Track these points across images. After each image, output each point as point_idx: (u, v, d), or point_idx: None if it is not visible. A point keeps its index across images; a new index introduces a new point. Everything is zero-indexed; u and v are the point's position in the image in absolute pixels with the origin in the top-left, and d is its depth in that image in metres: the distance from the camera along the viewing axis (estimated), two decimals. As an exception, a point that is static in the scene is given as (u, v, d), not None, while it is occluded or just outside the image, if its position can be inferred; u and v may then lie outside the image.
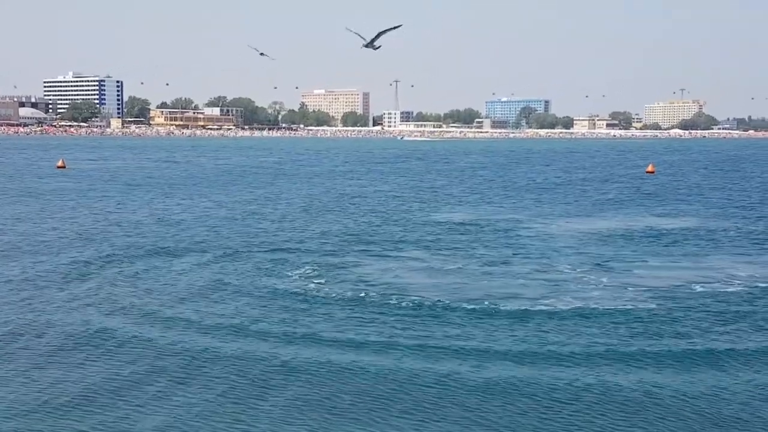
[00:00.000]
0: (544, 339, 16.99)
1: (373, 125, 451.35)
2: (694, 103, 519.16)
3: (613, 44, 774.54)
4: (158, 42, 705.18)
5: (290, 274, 23.91)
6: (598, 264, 25.81)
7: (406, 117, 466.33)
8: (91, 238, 30.90)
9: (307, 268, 24.90)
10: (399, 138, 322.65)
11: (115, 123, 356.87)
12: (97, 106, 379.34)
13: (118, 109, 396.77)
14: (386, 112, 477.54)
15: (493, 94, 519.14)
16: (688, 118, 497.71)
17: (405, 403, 13.49)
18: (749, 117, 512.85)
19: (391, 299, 20.52)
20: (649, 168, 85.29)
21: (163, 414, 12.99)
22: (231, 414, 13.01)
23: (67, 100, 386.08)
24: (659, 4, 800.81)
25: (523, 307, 19.65)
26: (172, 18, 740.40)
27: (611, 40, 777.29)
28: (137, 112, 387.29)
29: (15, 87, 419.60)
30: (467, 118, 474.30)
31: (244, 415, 12.99)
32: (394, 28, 28.59)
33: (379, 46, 28.65)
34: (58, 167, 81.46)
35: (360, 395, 13.82)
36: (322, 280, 22.84)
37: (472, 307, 19.71)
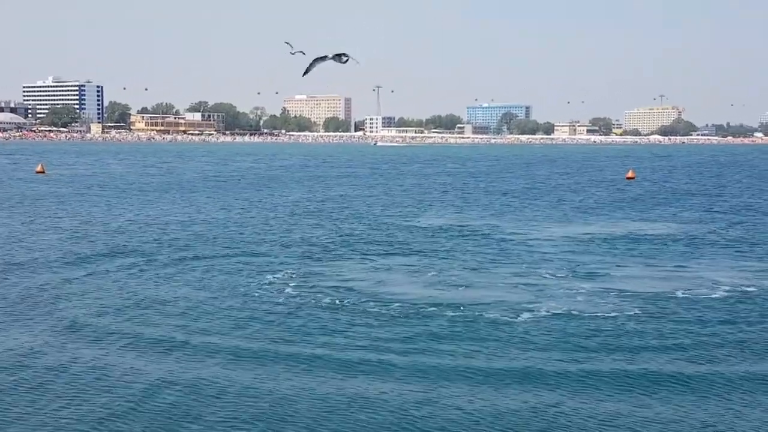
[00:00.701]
0: (526, 346, 16.99)
1: (355, 131, 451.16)
2: (673, 109, 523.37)
3: (594, 51, 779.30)
4: (140, 47, 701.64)
5: (270, 280, 23.81)
6: (580, 270, 25.87)
7: (388, 122, 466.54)
8: (69, 244, 30.67)
9: (286, 273, 24.84)
10: (372, 144, 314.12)
11: (95, 128, 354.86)
12: (77, 111, 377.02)
13: (98, 114, 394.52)
14: (368, 117, 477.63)
15: (476, 99, 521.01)
16: (667, 124, 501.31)
17: (387, 409, 13.44)
18: (727, 123, 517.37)
19: (371, 306, 20.47)
20: (629, 174, 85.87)
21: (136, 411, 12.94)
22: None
23: (46, 105, 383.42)
24: (639, 11, 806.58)
25: (505, 314, 19.63)
26: (153, 23, 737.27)
27: (592, 46, 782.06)
28: (117, 117, 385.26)
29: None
30: (449, 123, 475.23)
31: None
32: (344, 57, 27.55)
33: (347, 60, 27.61)
34: (38, 172, 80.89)
35: (342, 405, 13.73)
36: (301, 286, 22.76)
37: (454, 313, 19.69)
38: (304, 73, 27.72)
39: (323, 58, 27.17)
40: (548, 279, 24.40)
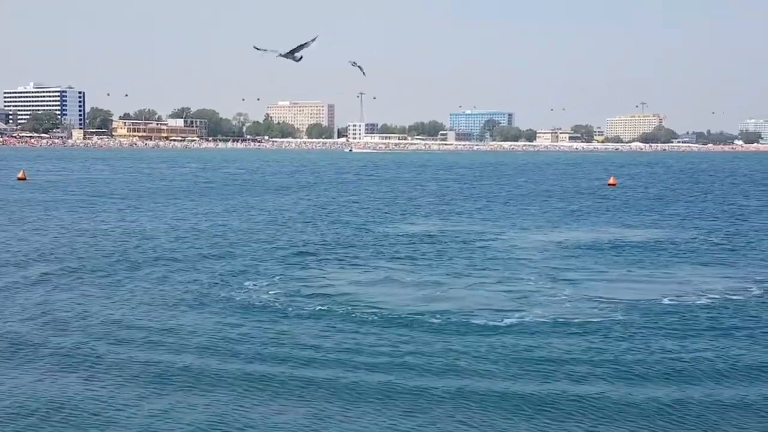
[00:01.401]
0: (511, 354, 17.00)
1: (338, 137, 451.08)
2: (654, 116, 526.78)
3: (577, 58, 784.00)
4: (122, 53, 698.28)
5: (252, 286, 23.77)
6: (564, 276, 25.96)
7: (371, 129, 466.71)
8: (50, 250, 30.47)
9: (270, 279, 24.81)
10: (347, 150, 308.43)
11: (77, 134, 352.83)
12: (59, 117, 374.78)
13: (80, 120, 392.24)
14: (351, 124, 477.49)
15: (460, 106, 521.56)
16: (648, 131, 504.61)
17: (365, 422, 13.47)
18: (708, 131, 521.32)
19: (354, 312, 20.45)
20: (611, 180, 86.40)
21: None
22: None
23: (28, 110, 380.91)
24: (620, 19, 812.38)
25: (489, 320, 19.67)
26: (136, 29, 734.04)
27: (574, 54, 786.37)
28: (99, 123, 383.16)
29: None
30: (432, 130, 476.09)
31: None
32: (312, 41, 27.67)
33: (301, 58, 27.68)
34: (19, 179, 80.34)
35: (322, 413, 13.70)
36: (284, 293, 22.71)
37: (437, 320, 19.70)
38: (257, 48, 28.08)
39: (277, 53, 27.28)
40: (533, 286, 24.44)
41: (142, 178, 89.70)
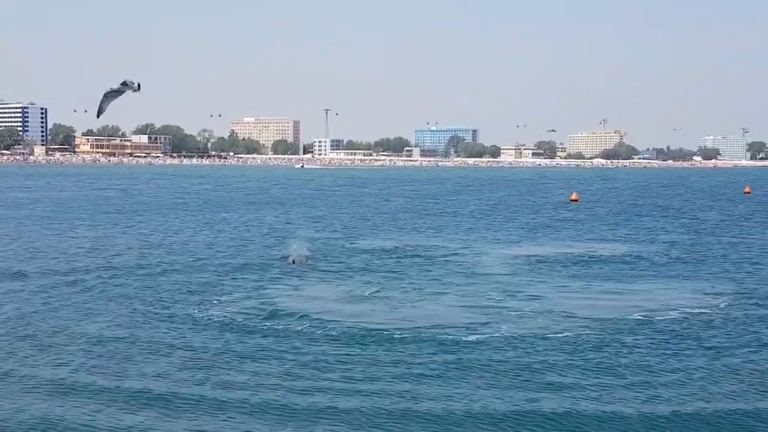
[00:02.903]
0: (476, 370, 17.11)
1: (304, 153, 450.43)
2: (615, 133, 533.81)
3: (539, 75, 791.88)
4: (86, 69, 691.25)
5: (211, 300, 23.96)
6: (528, 291, 26.30)
7: (337, 145, 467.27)
8: (10, 265, 30.21)
9: (227, 295, 24.99)
10: (299, 167, 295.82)
11: (39, 150, 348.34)
12: (21, 133, 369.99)
13: (42, 136, 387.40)
14: (317, 140, 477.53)
15: (427, 123, 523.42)
16: (610, 148, 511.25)
17: None
18: (668, 147, 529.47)
19: (313, 329, 20.40)
20: (573, 196, 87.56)
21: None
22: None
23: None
24: (583, 35, 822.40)
25: (456, 336, 19.84)
26: (97, 45, 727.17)
27: (537, 70, 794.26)
28: (62, 139, 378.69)
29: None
30: (397, 146, 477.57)
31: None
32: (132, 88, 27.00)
33: (139, 87, 27.12)
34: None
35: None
36: (239, 309, 22.75)
37: (402, 336, 19.83)
38: (98, 114, 26.43)
39: (115, 94, 26.23)
40: (498, 301, 24.65)
41: (109, 196, 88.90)
